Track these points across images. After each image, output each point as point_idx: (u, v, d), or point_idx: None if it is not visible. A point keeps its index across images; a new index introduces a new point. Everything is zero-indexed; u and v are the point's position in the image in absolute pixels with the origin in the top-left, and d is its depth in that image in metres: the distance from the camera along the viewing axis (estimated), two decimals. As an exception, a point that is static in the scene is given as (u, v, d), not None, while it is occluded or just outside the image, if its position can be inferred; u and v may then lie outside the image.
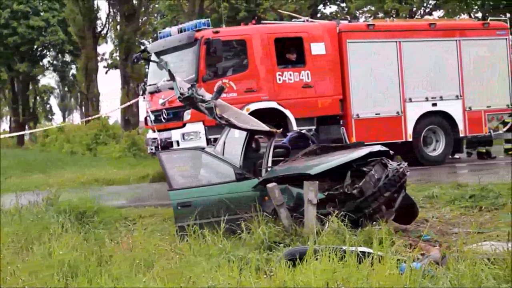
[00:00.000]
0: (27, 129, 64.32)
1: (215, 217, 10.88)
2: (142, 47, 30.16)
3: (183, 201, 11.25)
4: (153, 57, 20.43)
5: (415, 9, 47.55)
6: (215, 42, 18.82)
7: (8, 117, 77.83)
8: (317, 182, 10.26)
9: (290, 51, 20.46)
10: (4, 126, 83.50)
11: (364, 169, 11.14)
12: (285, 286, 7.22)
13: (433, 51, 21.95)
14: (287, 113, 19.81)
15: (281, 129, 13.05)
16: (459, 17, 38.34)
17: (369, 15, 49.49)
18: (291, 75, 20.13)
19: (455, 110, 22.12)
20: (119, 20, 47.29)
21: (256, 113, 18.01)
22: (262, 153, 11.96)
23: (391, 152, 11.81)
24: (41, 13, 58.43)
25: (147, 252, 9.18)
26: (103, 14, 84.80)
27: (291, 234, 9.98)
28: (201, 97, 11.76)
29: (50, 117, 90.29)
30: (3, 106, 77.76)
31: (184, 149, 15.76)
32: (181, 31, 19.93)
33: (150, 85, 20.76)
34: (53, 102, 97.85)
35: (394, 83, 21.43)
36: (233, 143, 12.32)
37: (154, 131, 20.33)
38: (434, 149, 22.21)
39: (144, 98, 21.30)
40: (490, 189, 14.20)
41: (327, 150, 12.09)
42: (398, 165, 11.22)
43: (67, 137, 39.64)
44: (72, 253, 9.07)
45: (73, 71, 70.76)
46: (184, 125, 19.29)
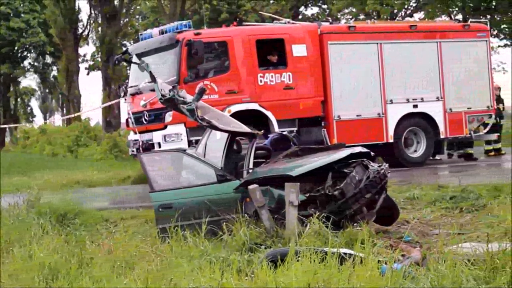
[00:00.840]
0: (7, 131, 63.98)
1: (197, 219, 10.87)
2: (123, 49, 30.09)
3: (164, 203, 11.24)
4: (135, 59, 20.37)
5: (396, 11, 47.74)
6: (196, 43, 18.80)
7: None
8: (299, 183, 10.27)
9: (271, 52, 20.46)
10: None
11: (345, 170, 11.16)
12: (267, 287, 7.23)
13: (414, 52, 22.02)
14: (269, 114, 19.82)
15: (262, 131, 13.06)
16: (439, 19, 38.44)
17: (351, 17, 49.65)
18: (272, 76, 20.14)
19: (435, 111, 22.20)
20: (100, 21, 47.17)
21: (237, 115, 18.01)
22: (243, 155, 11.96)
23: (372, 153, 11.84)
24: (22, 15, 58.17)
25: (128, 254, 9.16)
26: (84, 15, 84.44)
27: (272, 235, 9.98)
28: (182, 98, 11.74)
29: (31, 119, 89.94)
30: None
31: (165, 150, 15.73)
32: (162, 32, 19.91)
33: (131, 87, 20.72)
34: (34, 104, 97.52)
35: (375, 85, 21.49)
36: (215, 144, 12.31)
37: (135, 133, 20.29)
38: (415, 151, 22.28)
39: (125, 99, 21.26)
40: (470, 190, 14.27)
41: (309, 151, 12.11)
42: (379, 166, 11.25)
43: (48, 139, 39.49)
44: (53, 255, 9.04)
45: (54, 73, 70.49)
46: (165, 127, 19.26)
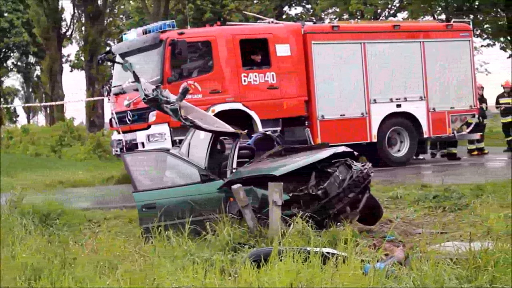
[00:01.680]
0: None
1: (180, 219, 10.85)
2: (107, 49, 30.03)
3: (148, 203, 11.22)
4: (118, 59, 20.35)
5: (379, 11, 47.89)
6: (180, 43, 18.79)
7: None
8: (282, 183, 10.27)
9: (255, 52, 20.49)
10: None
11: (328, 170, 11.17)
12: (250, 287, 7.23)
13: (397, 52, 22.12)
14: (252, 114, 19.85)
15: (246, 131, 13.07)
16: (423, 18, 38.58)
17: (334, 16, 49.73)
18: (256, 76, 20.17)
19: (419, 111, 22.30)
20: (84, 21, 47.06)
21: (221, 115, 18.02)
22: (227, 155, 11.95)
23: (356, 153, 11.86)
24: (5, 14, 57.96)
25: (112, 254, 9.14)
26: (67, 15, 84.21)
27: (256, 235, 9.97)
28: (165, 98, 11.71)
29: (14, 119, 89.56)
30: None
31: (149, 150, 15.69)
32: (145, 32, 19.88)
33: (115, 87, 20.69)
34: (18, 103, 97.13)
35: (358, 85, 21.56)
36: (198, 144, 12.29)
37: (119, 133, 20.25)
38: (398, 150, 22.37)
39: (109, 99, 21.22)
40: (453, 189, 14.36)
41: (292, 151, 12.12)
42: (362, 166, 11.27)
43: (31, 139, 39.32)
44: (35, 255, 9.00)
45: (38, 73, 70.30)
46: (149, 127, 19.25)
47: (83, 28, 47.67)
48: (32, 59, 67.93)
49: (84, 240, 10.65)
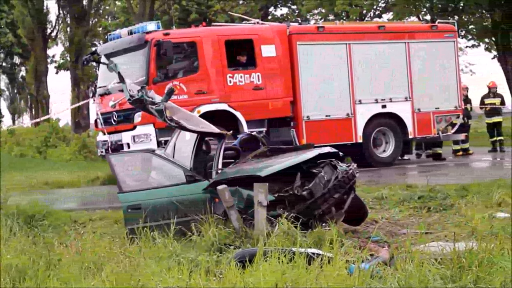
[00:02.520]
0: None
1: (166, 220, 10.84)
2: (93, 49, 29.97)
3: (133, 204, 11.19)
4: (103, 59, 20.31)
5: (365, 12, 47.99)
6: (165, 44, 18.79)
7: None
8: (267, 184, 10.28)
9: (240, 53, 20.50)
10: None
11: (314, 170, 11.19)
12: (235, 287, 7.24)
13: (382, 53, 22.18)
14: (238, 115, 19.86)
15: (231, 131, 13.08)
16: (408, 19, 38.68)
17: (320, 17, 49.78)
18: (241, 77, 20.18)
19: (404, 111, 22.36)
20: (69, 22, 46.94)
21: (207, 115, 18.03)
22: (212, 155, 11.95)
23: (341, 153, 11.88)
24: (-10, 15, 57.79)
25: (97, 255, 9.11)
26: (53, 16, 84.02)
27: (241, 236, 9.97)
28: (151, 99, 11.71)
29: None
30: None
31: (134, 151, 15.69)
32: (131, 33, 19.86)
33: (100, 87, 20.65)
34: (3, 104, 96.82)
35: (344, 85, 21.60)
36: (184, 145, 12.29)
37: (104, 134, 20.22)
38: (383, 151, 22.42)
39: (94, 100, 21.19)
40: (438, 190, 14.41)
41: (277, 152, 12.13)
42: (347, 166, 11.29)
43: (16, 140, 39.23)
44: (20, 257, 8.97)
45: (23, 73, 70.09)
46: (134, 128, 19.24)
47: (68, 28, 47.52)
48: (17, 59, 67.69)
49: (69, 241, 10.61)
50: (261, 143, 12.98)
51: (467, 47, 48.24)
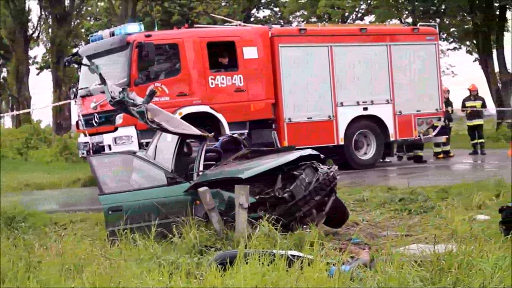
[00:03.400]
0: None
1: (147, 222, 10.83)
2: (74, 50, 29.89)
3: (114, 206, 11.18)
4: (85, 61, 20.22)
5: (347, 14, 48.11)
6: (147, 45, 18.76)
7: None
8: (248, 186, 10.30)
9: (222, 55, 20.50)
10: None
11: (295, 173, 11.22)
12: (215, 289, 7.25)
13: (364, 55, 22.23)
14: (220, 117, 19.86)
15: (213, 133, 13.08)
16: (389, 22, 38.82)
17: (302, 19, 49.87)
18: (223, 79, 20.18)
19: (385, 114, 22.43)
20: (51, 22, 46.75)
21: (188, 117, 18.01)
22: (194, 157, 11.95)
23: (322, 156, 11.92)
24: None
25: (77, 257, 9.09)
26: (34, 16, 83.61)
27: (222, 238, 9.99)
28: (132, 101, 11.70)
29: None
30: None
31: (115, 153, 15.67)
32: (112, 34, 19.82)
33: (81, 89, 20.60)
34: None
35: (325, 88, 21.64)
36: (165, 147, 12.28)
37: (85, 135, 20.15)
38: (365, 153, 22.48)
39: (75, 101, 21.13)
40: (419, 192, 14.47)
41: (259, 154, 12.14)
42: (328, 168, 11.32)
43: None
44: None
45: (4, 74, 69.68)
46: (116, 129, 19.20)
47: (50, 29, 47.33)
48: (-2, 60, 67.29)
49: (49, 243, 10.57)
50: (243, 145, 13.00)
51: (448, 49, 48.52)
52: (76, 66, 35.94)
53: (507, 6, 39.15)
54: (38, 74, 59.28)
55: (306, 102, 21.31)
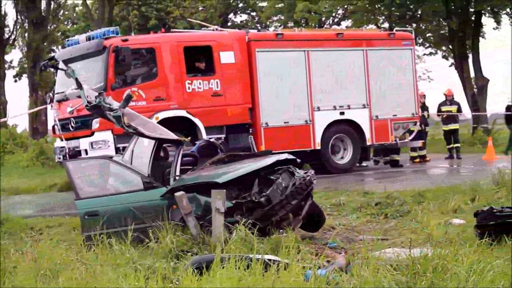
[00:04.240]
0: None
1: (123, 226, 10.82)
2: (51, 55, 29.75)
3: (90, 211, 11.17)
4: (61, 65, 20.16)
5: (324, 19, 48.24)
6: (124, 50, 18.71)
7: None
8: (225, 190, 10.31)
9: (199, 59, 20.48)
10: None
11: (271, 177, 11.24)
12: (191, 294, 7.25)
13: (340, 60, 22.27)
14: (196, 121, 19.82)
15: (189, 138, 13.08)
16: (366, 27, 38.96)
17: (279, 24, 49.95)
18: (200, 83, 20.15)
19: (362, 118, 22.48)
20: (27, 27, 46.52)
21: (165, 122, 17.99)
22: (170, 162, 11.95)
23: (299, 160, 11.95)
24: None
25: (53, 262, 9.06)
26: (10, 21, 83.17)
27: (199, 242, 9.99)
28: (108, 105, 11.67)
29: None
30: None
31: (91, 158, 15.63)
32: (89, 39, 19.75)
33: (58, 93, 20.50)
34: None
35: (302, 92, 21.65)
36: (142, 151, 12.27)
37: (62, 140, 20.06)
38: (342, 157, 22.51)
39: (51, 106, 21.03)
40: (395, 196, 14.52)
41: (236, 158, 12.15)
42: (305, 173, 11.36)
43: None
44: (-25, 264, 8.90)
45: (-20, 79, 69.28)
46: (92, 134, 19.11)
47: (26, 34, 47.10)
48: (-27, 65, 66.86)
49: (25, 248, 10.53)
50: (219, 149, 13.01)
51: (424, 54, 48.74)
52: (52, 70, 35.78)
53: (482, 11, 39.38)
54: (16, 81, 58.91)
55: (283, 106, 21.32)
